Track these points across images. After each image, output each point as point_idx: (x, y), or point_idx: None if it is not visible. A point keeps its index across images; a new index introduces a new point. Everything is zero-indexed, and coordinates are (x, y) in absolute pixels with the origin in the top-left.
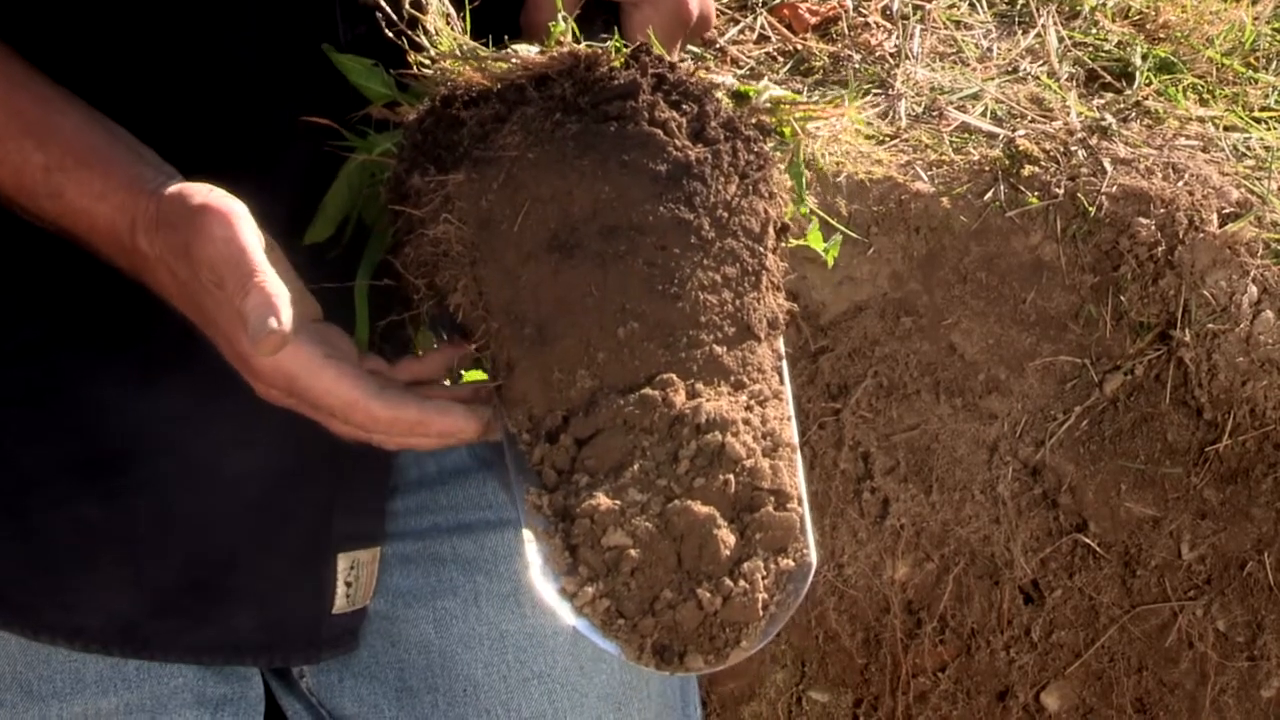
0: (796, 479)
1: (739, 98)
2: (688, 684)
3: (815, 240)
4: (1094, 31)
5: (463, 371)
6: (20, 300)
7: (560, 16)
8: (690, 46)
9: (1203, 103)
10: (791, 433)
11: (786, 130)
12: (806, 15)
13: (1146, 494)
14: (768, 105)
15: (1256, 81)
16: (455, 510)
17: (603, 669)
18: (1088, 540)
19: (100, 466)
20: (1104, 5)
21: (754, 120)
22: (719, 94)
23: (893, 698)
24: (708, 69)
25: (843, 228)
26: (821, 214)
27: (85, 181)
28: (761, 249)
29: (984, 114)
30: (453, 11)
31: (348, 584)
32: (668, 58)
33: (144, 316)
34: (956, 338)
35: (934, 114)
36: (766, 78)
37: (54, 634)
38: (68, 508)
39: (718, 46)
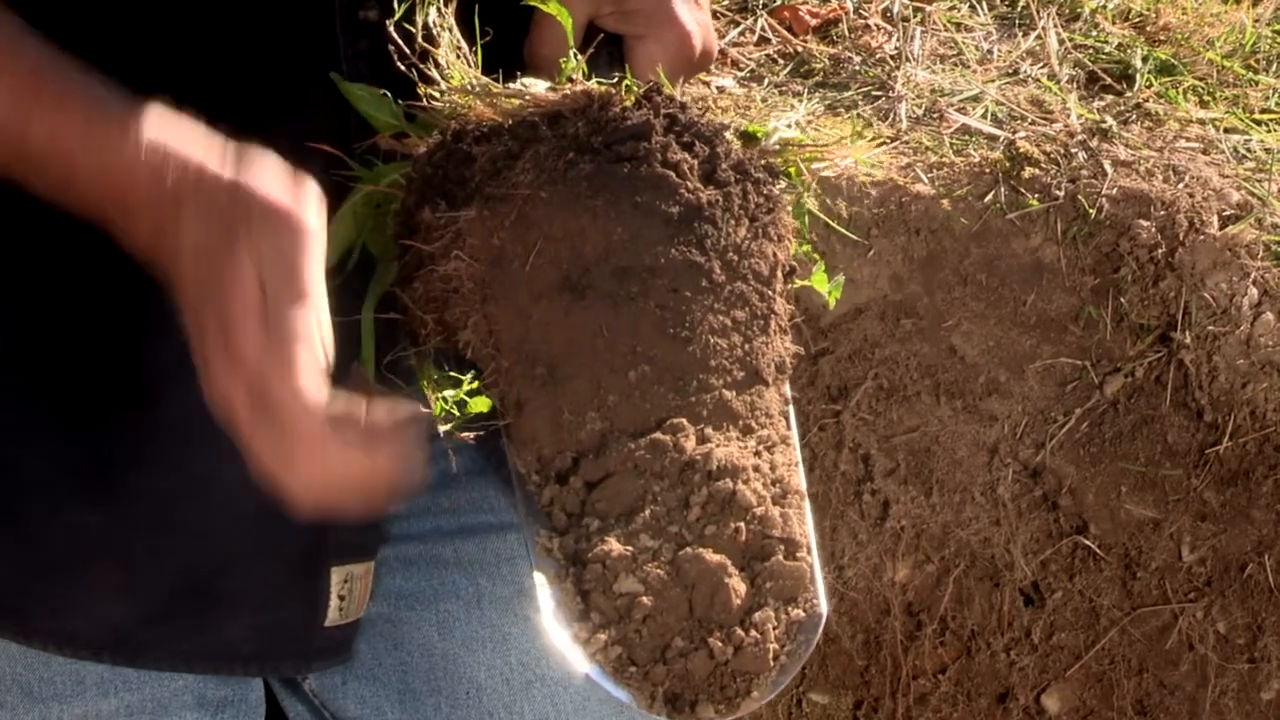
0: (806, 527)
1: (747, 138)
2: None
3: (820, 282)
4: (1094, 34)
5: (467, 400)
6: (14, 303)
7: (571, 53)
8: None
9: (1203, 105)
10: (800, 479)
11: (793, 171)
12: (807, 17)
13: (1147, 496)
14: (776, 147)
15: (1257, 83)
16: (457, 513)
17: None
18: (1088, 542)
19: (95, 473)
20: (1104, 7)
21: (763, 162)
22: (729, 135)
23: (893, 699)
24: (708, 71)
25: (843, 230)
26: (822, 216)
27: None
28: (770, 292)
29: (984, 116)
30: (464, 45)
31: (341, 597)
32: (679, 98)
33: (143, 322)
34: (957, 340)
35: (934, 116)
36: (767, 80)
37: (45, 639)
38: (62, 513)
39: (718, 49)
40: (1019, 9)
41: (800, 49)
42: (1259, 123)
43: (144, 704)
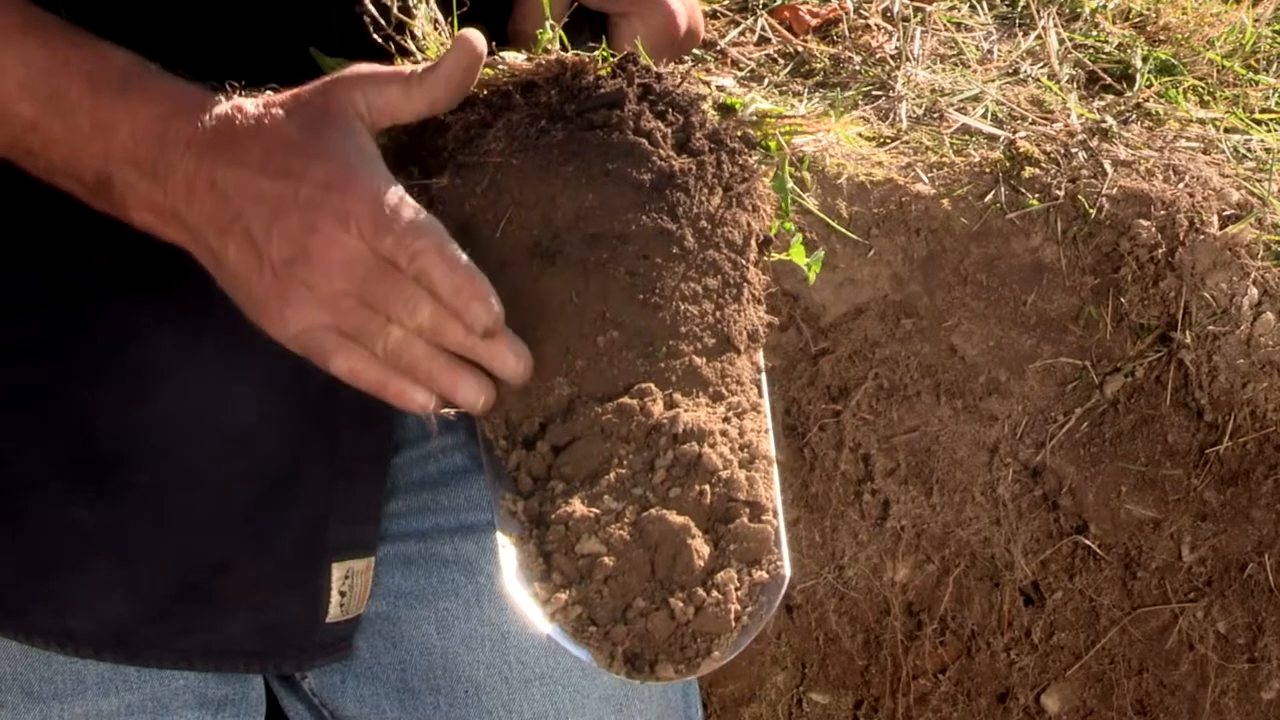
0: (772, 491)
1: (725, 110)
2: (690, 686)
3: (798, 255)
4: (1094, 33)
5: None
6: (14, 300)
7: (548, 24)
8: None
9: (1203, 105)
10: (769, 445)
11: (772, 144)
12: (807, 17)
13: (1147, 496)
14: (753, 118)
15: (1257, 83)
16: (456, 511)
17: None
18: (1088, 542)
19: (94, 470)
20: (1104, 7)
21: (739, 133)
22: (705, 105)
23: (893, 699)
24: (708, 70)
25: (843, 229)
26: (822, 215)
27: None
28: (743, 261)
29: (984, 116)
30: (440, 17)
31: (341, 593)
32: (655, 68)
33: (141, 319)
34: (957, 339)
35: (934, 116)
36: (768, 80)
37: (46, 638)
38: (61, 511)
39: (718, 48)
40: (1019, 9)
41: (800, 49)
42: (1259, 123)
43: (144, 703)
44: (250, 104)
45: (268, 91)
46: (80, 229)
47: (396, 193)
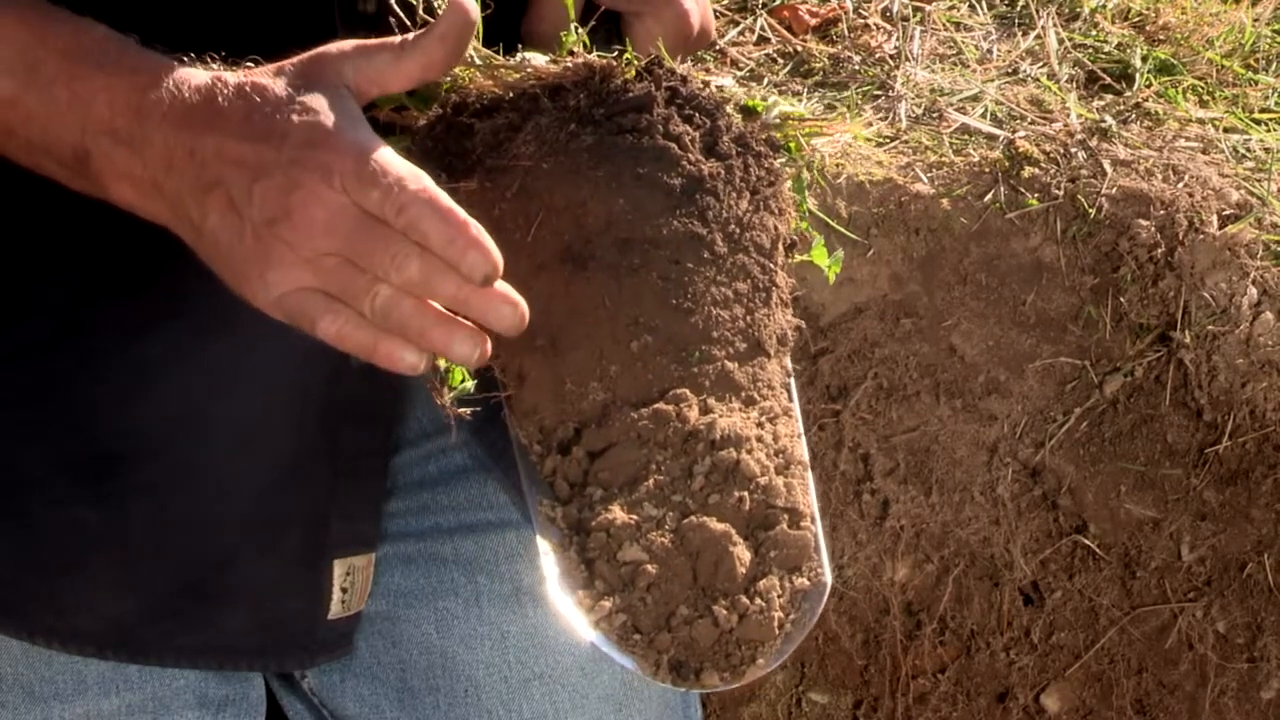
0: (809, 497)
1: (748, 112)
2: None
3: (820, 257)
4: (1094, 33)
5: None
6: (17, 300)
7: (572, 26)
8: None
9: (1202, 104)
10: (803, 450)
11: (793, 146)
12: (806, 17)
13: (1146, 495)
14: (776, 121)
15: (1256, 83)
16: (456, 511)
17: (604, 670)
18: (1088, 541)
19: (95, 469)
20: (1104, 7)
21: (764, 136)
22: (730, 109)
23: (892, 699)
24: (708, 70)
25: (843, 229)
26: (822, 215)
27: None
28: (772, 265)
29: (984, 115)
30: None
31: (343, 589)
32: (680, 71)
33: (142, 317)
34: (956, 339)
35: (934, 115)
36: (767, 79)
37: (49, 637)
38: (62, 510)
39: (718, 48)
40: (1018, 9)
41: (800, 48)
42: (1259, 122)
43: (145, 703)
44: (231, 75)
45: (249, 64)
46: (82, 230)
47: (382, 147)
